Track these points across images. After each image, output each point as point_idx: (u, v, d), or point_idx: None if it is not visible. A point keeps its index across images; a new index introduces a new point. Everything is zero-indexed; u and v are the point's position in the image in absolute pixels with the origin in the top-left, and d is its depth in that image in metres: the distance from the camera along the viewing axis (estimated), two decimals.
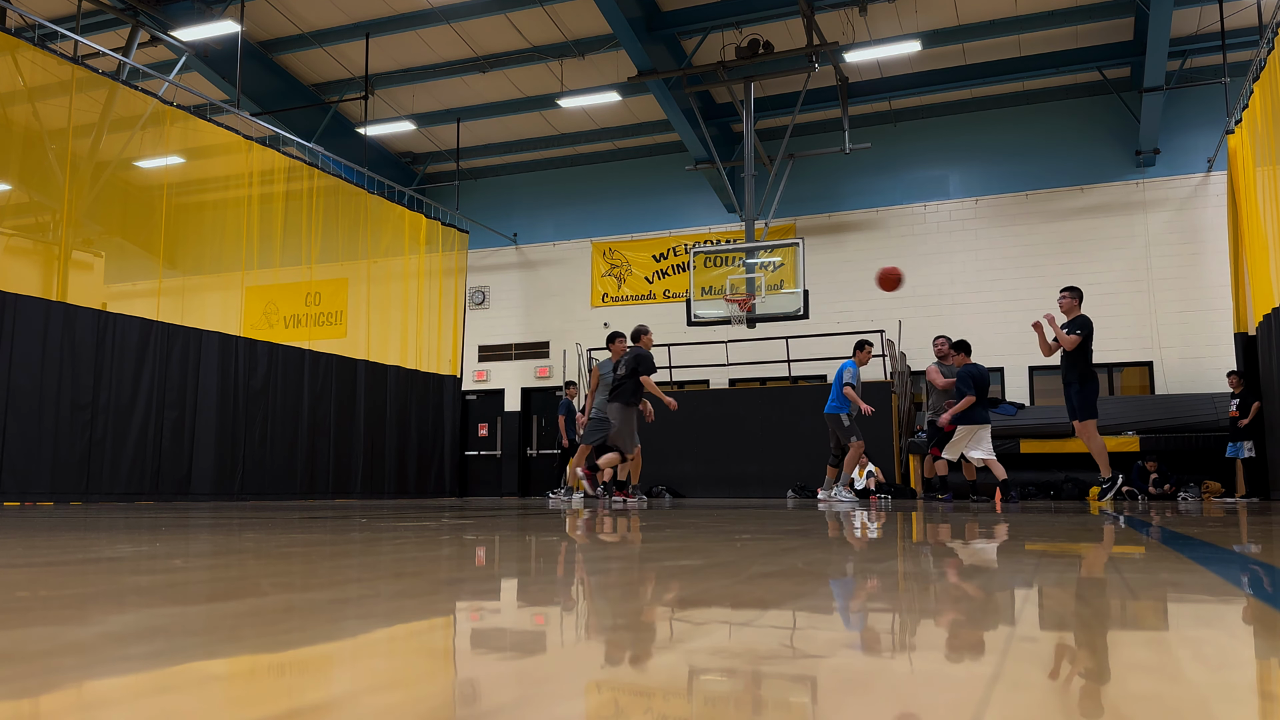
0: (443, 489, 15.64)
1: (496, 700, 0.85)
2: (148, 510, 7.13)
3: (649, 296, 17.97)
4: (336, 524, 4.80)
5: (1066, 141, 15.95)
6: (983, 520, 5.41)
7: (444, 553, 2.89)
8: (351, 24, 15.23)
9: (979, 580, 2.08)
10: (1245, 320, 12.45)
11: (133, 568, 2.24)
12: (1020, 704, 0.84)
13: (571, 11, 14.60)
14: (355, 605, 1.55)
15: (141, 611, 1.43)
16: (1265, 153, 10.49)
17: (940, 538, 3.78)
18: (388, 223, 15.23)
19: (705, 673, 1.00)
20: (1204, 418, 13.25)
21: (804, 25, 13.41)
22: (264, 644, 1.16)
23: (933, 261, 16.24)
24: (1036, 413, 14.26)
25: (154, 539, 3.43)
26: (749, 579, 2.02)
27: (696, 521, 5.19)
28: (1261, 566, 2.53)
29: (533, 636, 1.28)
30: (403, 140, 18.78)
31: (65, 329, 9.81)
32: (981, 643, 1.20)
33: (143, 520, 5.13)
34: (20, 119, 10.00)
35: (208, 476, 11.36)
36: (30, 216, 10.96)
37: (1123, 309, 15.21)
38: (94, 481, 9.99)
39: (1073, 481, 13.86)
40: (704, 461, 15.44)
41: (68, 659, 1.01)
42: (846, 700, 0.87)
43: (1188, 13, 13.86)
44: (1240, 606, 1.64)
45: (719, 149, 16.59)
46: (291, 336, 14.04)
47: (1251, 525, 4.97)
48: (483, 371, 18.88)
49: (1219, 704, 0.85)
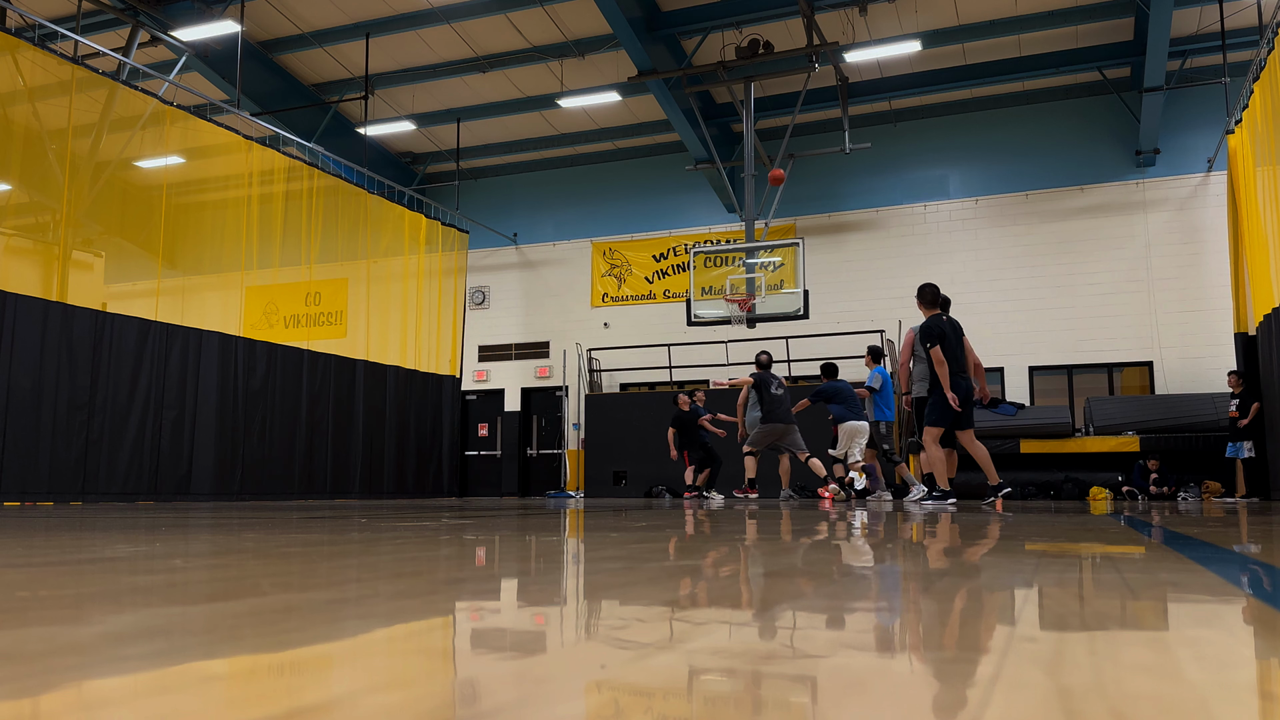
0: (442, 489, 15.64)
1: (496, 700, 0.85)
2: (147, 510, 7.13)
3: (649, 296, 17.97)
4: (336, 524, 4.80)
5: (1066, 141, 15.95)
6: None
7: (444, 553, 2.89)
8: (351, 24, 15.24)
9: (977, 580, 2.08)
10: (1245, 320, 12.45)
11: (132, 568, 2.24)
12: (1020, 704, 0.84)
13: (571, 11, 14.60)
14: (355, 605, 1.55)
15: (141, 611, 1.42)
16: (1265, 153, 10.48)
17: (932, 537, 3.78)
18: (388, 223, 15.23)
19: (705, 673, 1.00)
20: (1204, 418, 13.25)
21: (804, 25, 13.41)
22: (264, 644, 1.16)
23: (933, 261, 16.24)
24: (1036, 413, 14.26)
25: (153, 539, 3.43)
26: (749, 578, 2.02)
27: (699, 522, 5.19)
28: (1261, 566, 2.53)
29: (533, 636, 1.28)
30: (403, 140, 18.78)
31: (64, 329, 9.81)
32: (981, 643, 1.20)
33: (141, 520, 5.13)
34: (20, 119, 10.00)
35: (207, 476, 11.36)
36: (30, 216, 10.96)
37: (1123, 309, 15.22)
38: (92, 481, 9.99)
39: (1072, 481, 13.86)
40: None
41: (67, 659, 1.01)
42: (846, 700, 0.87)
43: (1188, 13, 13.86)
44: (1240, 606, 1.64)
45: (719, 149, 16.59)
46: (291, 336, 14.04)
47: (1251, 525, 4.97)
48: (483, 371, 18.88)
49: (1219, 704, 0.85)
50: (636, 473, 16.08)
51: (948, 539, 3.68)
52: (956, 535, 3.90)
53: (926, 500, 8.77)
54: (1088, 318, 15.38)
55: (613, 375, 18.08)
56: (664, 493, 15.65)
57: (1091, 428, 14.01)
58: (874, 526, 4.79)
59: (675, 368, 17.14)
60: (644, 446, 15.92)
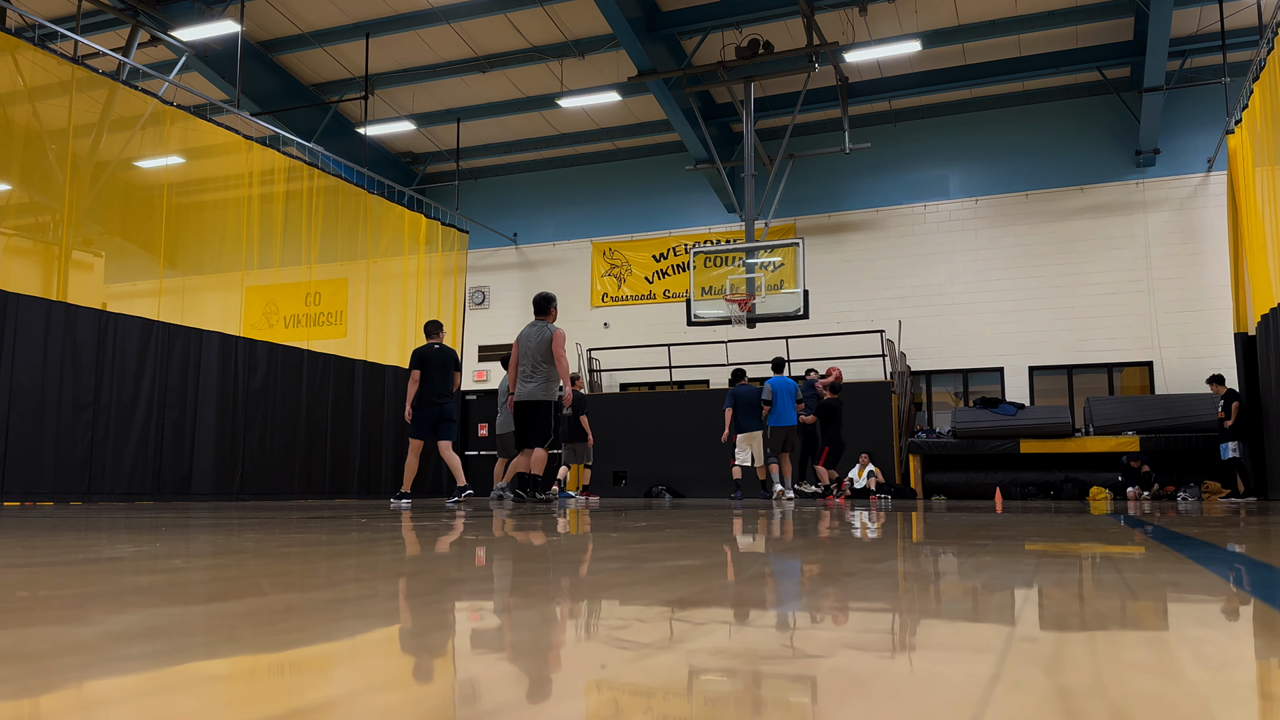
0: (441, 489, 15.64)
1: (496, 700, 0.85)
2: (148, 510, 7.14)
3: (649, 296, 17.98)
4: (335, 524, 4.80)
5: (1066, 141, 15.95)
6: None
7: (443, 553, 2.89)
8: (351, 24, 15.24)
9: (976, 579, 2.08)
10: (1245, 320, 12.46)
11: (133, 568, 2.24)
12: (1020, 704, 0.84)
13: (571, 11, 14.60)
14: (354, 605, 1.55)
15: (141, 611, 1.43)
16: (1265, 153, 10.49)
17: (930, 536, 3.79)
18: (387, 223, 15.23)
19: (705, 673, 1.00)
20: (1204, 418, 13.26)
21: (804, 25, 13.41)
22: (264, 644, 1.16)
23: (933, 261, 16.25)
24: (1036, 413, 14.26)
25: (154, 539, 3.43)
26: (748, 579, 2.02)
27: (697, 521, 5.20)
28: (1262, 566, 2.54)
29: (533, 636, 1.28)
30: (403, 140, 18.78)
31: (66, 329, 9.81)
32: (981, 642, 1.20)
33: (143, 520, 5.14)
34: (20, 119, 10.00)
35: (207, 476, 11.37)
36: (30, 216, 10.96)
37: (1123, 309, 15.22)
38: (95, 481, 9.99)
39: (1072, 481, 13.87)
40: (704, 461, 15.44)
41: (68, 659, 1.01)
42: (846, 701, 0.87)
43: (1188, 13, 13.86)
44: (1240, 606, 1.64)
45: (719, 149, 16.59)
46: (291, 336, 14.04)
47: (1251, 525, 4.97)
48: (483, 371, 18.88)
49: (1219, 704, 0.85)
50: (636, 473, 16.08)
51: (948, 539, 3.68)
52: (955, 535, 3.91)
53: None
54: (1088, 318, 15.38)
55: (613, 375, 18.08)
56: (664, 493, 15.65)
57: (1091, 428, 14.02)
58: (872, 524, 4.79)
59: (675, 368, 17.14)
60: (644, 447, 15.92)
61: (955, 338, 16.00)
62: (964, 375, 16.08)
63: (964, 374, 16.07)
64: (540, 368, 8.85)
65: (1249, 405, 11.87)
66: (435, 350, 9.30)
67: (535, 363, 8.88)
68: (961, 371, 16.08)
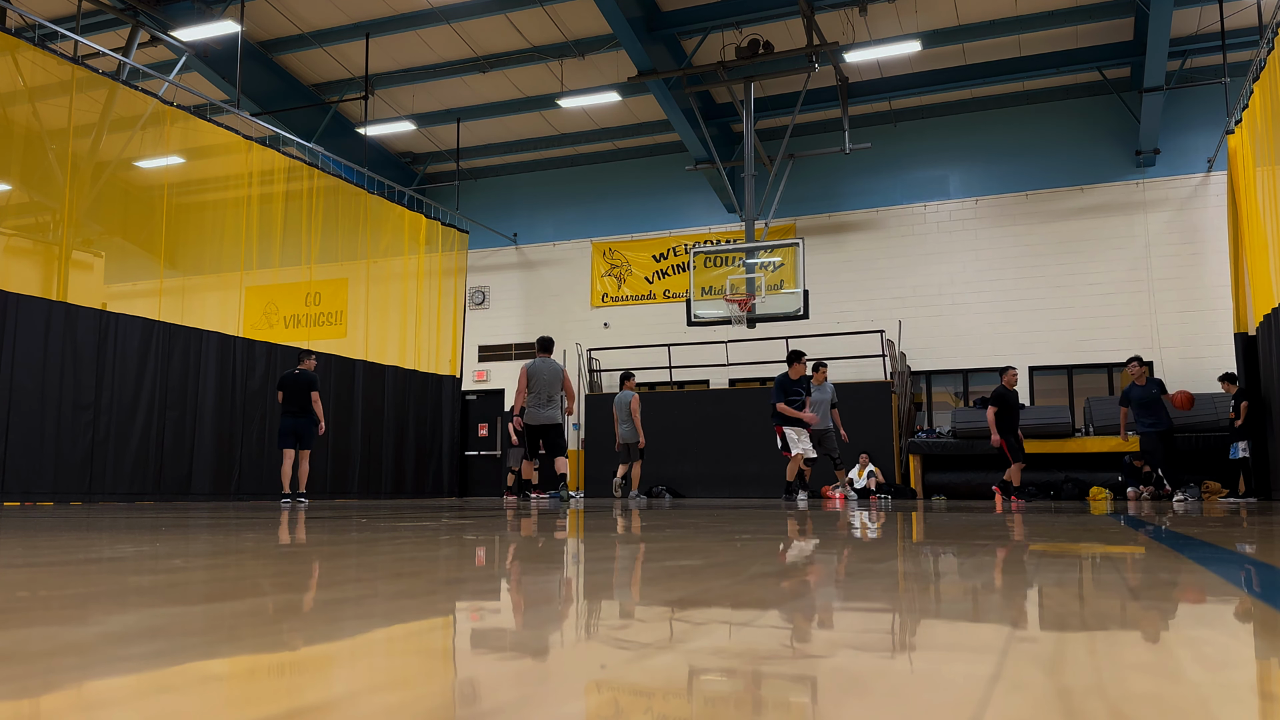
0: (441, 489, 15.64)
1: (496, 700, 0.85)
2: (148, 510, 7.13)
3: (649, 296, 17.97)
4: (335, 524, 4.80)
5: (1066, 141, 15.95)
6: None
7: (443, 553, 2.89)
8: (351, 24, 15.23)
9: (976, 579, 2.08)
10: (1245, 320, 12.46)
11: (133, 568, 2.24)
12: (1020, 704, 0.84)
13: (571, 11, 14.60)
14: (354, 605, 1.55)
15: (142, 611, 1.43)
16: (1265, 153, 10.48)
17: (930, 536, 3.79)
18: (387, 223, 15.23)
19: (705, 673, 1.00)
20: (1204, 418, 13.25)
21: (804, 25, 13.41)
22: (264, 644, 1.16)
23: (933, 261, 16.24)
24: (1036, 413, 14.25)
25: (154, 539, 3.43)
26: (749, 579, 2.02)
27: (697, 521, 5.20)
28: (1262, 566, 2.53)
29: (532, 636, 1.28)
30: (403, 140, 18.78)
31: (67, 329, 9.81)
32: (981, 642, 1.20)
33: (143, 520, 5.13)
34: (20, 119, 10.01)
35: (207, 476, 11.37)
36: (30, 216, 10.96)
37: (1123, 309, 15.21)
38: (96, 481, 9.99)
39: (1072, 481, 13.86)
40: (704, 461, 15.43)
41: (68, 659, 1.01)
42: (846, 701, 0.87)
43: (1188, 13, 13.86)
44: (1240, 606, 1.64)
45: (719, 149, 16.59)
46: (291, 336, 14.04)
47: (1251, 525, 4.97)
48: (483, 371, 18.88)
49: (1219, 704, 0.85)
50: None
51: (951, 539, 3.68)
52: (959, 536, 3.91)
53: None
54: (1088, 318, 15.37)
55: (613, 375, 18.08)
56: (664, 493, 15.64)
57: (1091, 428, 14.01)
58: (872, 524, 4.79)
59: (675, 368, 17.14)
60: (646, 446, 15.89)
61: (955, 338, 15.99)
62: (964, 375, 16.08)
63: (964, 374, 16.07)
64: (556, 397, 10.47)
65: (1249, 406, 11.86)
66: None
67: (551, 393, 10.45)
68: (961, 371, 16.08)
